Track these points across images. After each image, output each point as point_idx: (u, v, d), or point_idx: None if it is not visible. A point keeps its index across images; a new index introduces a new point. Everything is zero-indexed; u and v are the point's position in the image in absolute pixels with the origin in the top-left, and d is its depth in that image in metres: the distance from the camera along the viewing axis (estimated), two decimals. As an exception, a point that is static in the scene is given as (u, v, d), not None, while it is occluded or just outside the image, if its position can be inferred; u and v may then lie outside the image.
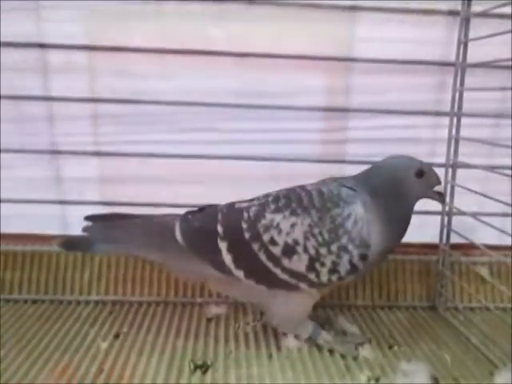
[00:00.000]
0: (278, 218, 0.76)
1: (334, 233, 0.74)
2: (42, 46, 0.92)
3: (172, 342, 0.82)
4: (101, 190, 1.03)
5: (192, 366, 0.75)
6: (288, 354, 0.80)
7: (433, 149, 1.00)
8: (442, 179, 0.94)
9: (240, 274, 0.77)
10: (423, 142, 1.02)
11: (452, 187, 0.96)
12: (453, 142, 0.95)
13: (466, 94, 0.94)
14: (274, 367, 0.76)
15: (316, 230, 0.74)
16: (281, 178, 1.02)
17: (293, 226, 0.75)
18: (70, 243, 0.85)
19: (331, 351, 0.80)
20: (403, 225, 0.78)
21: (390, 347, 0.83)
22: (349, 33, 0.98)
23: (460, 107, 0.94)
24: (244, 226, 0.76)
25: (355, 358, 0.78)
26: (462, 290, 1.01)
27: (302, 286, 0.76)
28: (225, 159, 0.96)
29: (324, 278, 0.75)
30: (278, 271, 0.75)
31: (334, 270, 0.75)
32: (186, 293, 0.99)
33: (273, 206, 0.77)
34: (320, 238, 0.74)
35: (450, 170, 0.96)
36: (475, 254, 1.01)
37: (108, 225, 0.83)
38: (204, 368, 0.75)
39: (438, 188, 0.79)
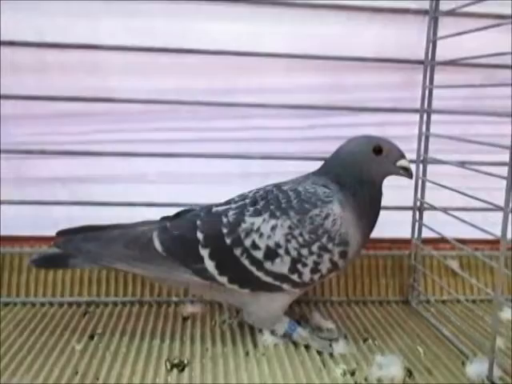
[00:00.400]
0: (258, 221, 0.75)
1: (314, 233, 0.74)
2: (11, 43, 0.90)
3: (148, 341, 0.82)
4: (71, 190, 1.02)
5: (169, 366, 0.75)
6: (264, 350, 0.80)
7: (404, 146, 1.01)
8: (413, 175, 0.96)
9: (224, 279, 0.77)
10: (394, 139, 1.03)
11: (423, 182, 0.98)
12: (423, 138, 0.97)
13: (436, 92, 0.96)
14: (251, 364, 0.76)
15: (296, 232, 0.75)
16: (255, 175, 1.03)
17: (273, 228, 0.75)
18: (44, 260, 0.84)
19: (307, 347, 0.81)
20: (375, 208, 0.79)
21: (365, 341, 0.84)
22: (323, 32, 0.98)
23: (429, 104, 0.96)
24: (224, 231, 0.76)
25: (331, 354, 0.79)
26: (433, 284, 1.04)
27: (286, 286, 0.77)
28: (199, 157, 0.95)
29: (306, 277, 0.76)
30: (261, 274, 0.76)
31: (315, 269, 0.75)
32: (162, 292, 0.98)
33: (251, 209, 0.77)
34: (301, 240, 0.74)
35: (421, 166, 0.98)
36: (446, 248, 1.03)
37: (84, 238, 0.81)
38: (181, 367, 0.74)
39: (401, 163, 0.79)
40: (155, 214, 0.90)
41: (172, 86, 0.97)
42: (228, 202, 0.81)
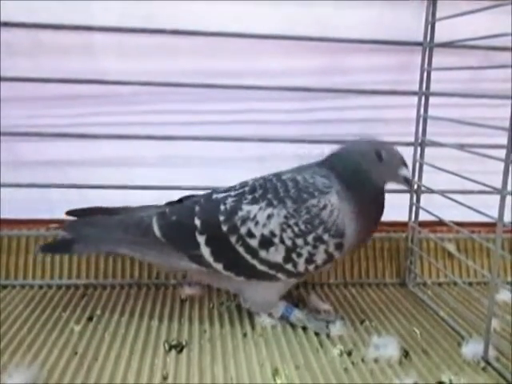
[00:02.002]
0: (254, 209, 0.75)
1: (310, 223, 0.74)
2: (5, 24, 0.88)
3: (146, 323, 0.82)
4: (68, 173, 1.01)
5: (167, 347, 0.75)
6: (262, 331, 0.81)
7: (402, 128, 1.01)
8: (411, 158, 0.96)
9: (219, 266, 0.77)
10: (392, 122, 1.03)
11: (420, 165, 0.97)
12: (421, 120, 0.97)
13: (434, 74, 0.95)
14: (249, 345, 0.76)
15: (292, 221, 0.74)
16: (253, 158, 1.03)
17: (269, 217, 0.75)
18: (49, 247, 0.89)
19: (304, 328, 0.81)
20: (376, 210, 0.79)
21: (362, 323, 0.85)
22: (321, 13, 0.98)
23: (428, 87, 0.96)
24: (221, 218, 0.76)
25: (328, 335, 0.80)
26: (430, 266, 1.04)
27: (280, 276, 0.77)
28: (195, 140, 0.95)
29: (301, 267, 0.76)
30: (256, 263, 0.76)
31: (310, 260, 0.75)
32: (160, 275, 0.99)
33: (249, 197, 0.77)
34: (296, 229, 0.74)
35: (419, 149, 0.98)
36: (443, 231, 1.03)
37: (86, 223, 0.83)
38: (179, 348, 0.75)
39: (403, 172, 0.78)
40: (151, 197, 0.91)
41: (168, 68, 0.96)
42: (229, 190, 0.81)
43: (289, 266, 0.76)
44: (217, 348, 0.75)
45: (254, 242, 0.75)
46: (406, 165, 0.80)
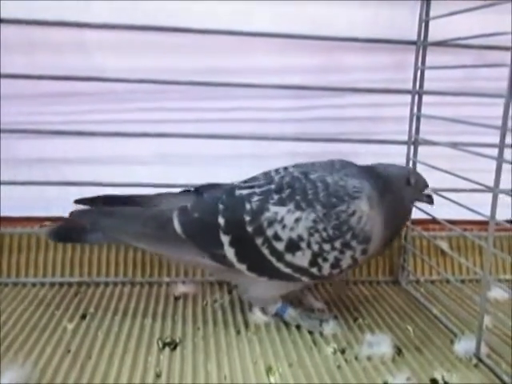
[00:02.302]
0: (282, 211, 0.74)
1: (339, 229, 0.73)
2: (1, 21, 0.88)
3: (140, 321, 0.82)
4: (65, 170, 1.01)
5: (161, 344, 0.75)
6: (256, 329, 0.81)
7: (396, 127, 1.02)
8: (404, 156, 0.97)
9: (243, 267, 0.76)
10: (386, 120, 1.04)
11: (414, 163, 0.98)
12: (414, 119, 0.97)
13: (427, 73, 0.96)
14: (242, 343, 0.76)
15: (321, 226, 0.73)
16: (248, 156, 1.03)
17: (297, 220, 0.73)
18: (60, 234, 0.84)
19: (298, 326, 0.82)
20: (399, 226, 0.83)
21: (355, 320, 0.85)
22: (316, 11, 0.98)
23: (421, 85, 0.96)
24: (247, 218, 0.74)
25: (321, 333, 0.80)
26: (423, 264, 1.05)
27: (304, 279, 0.77)
28: (190, 138, 0.95)
29: (326, 271, 0.76)
30: (281, 266, 0.75)
31: (336, 264, 0.75)
32: (153, 272, 0.99)
33: (276, 197, 0.75)
34: (324, 234, 0.73)
35: (412, 147, 0.98)
36: (436, 229, 1.04)
37: (102, 212, 0.80)
38: (172, 345, 0.75)
39: (427, 191, 0.82)
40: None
41: (163, 66, 0.96)
42: (252, 185, 0.79)
43: (314, 270, 0.75)
44: (210, 346, 0.75)
45: (280, 246, 0.74)
46: (428, 185, 0.83)
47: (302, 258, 0.74)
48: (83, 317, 0.83)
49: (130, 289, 0.95)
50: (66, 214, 0.99)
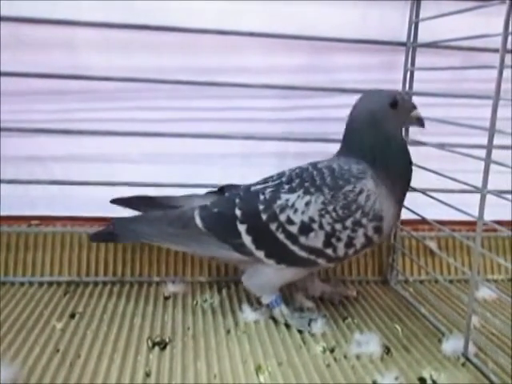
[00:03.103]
0: (292, 197, 0.77)
1: (348, 209, 0.76)
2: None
3: (129, 320, 0.82)
4: (51, 169, 1.00)
5: (150, 344, 0.75)
6: (246, 328, 0.81)
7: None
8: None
9: (261, 254, 0.79)
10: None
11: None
12: (404, 120, 0.98)
13: (417, 74, 0.96)
14: (232, 342, 0.77)
15: (330, 207, 0.76)
16: (237, 156, 1.03)
17: (307, 204, 0.76)
18: (99, 236, 0.90)
19: (287, 325, 0.82)
20: (405, 162, 0.81)
21: (344, 320, 0.86)
22: (305, 12, 0.98)
23: (411, 86, 0.97)
24: (261, 207, 0.78)
25: (310, 332, 0.80)
26: (412, 264, 1.06)
27: (321, 261, 0.79)
28: (179, 137, 0.95)
29: (341, 252, 0.77)
30: (296, 248, 0.77)
31: (350, 243, 0.77)
32: (143, 272, 0.98)
33: (287, 187, 0.79)
34: (334, 215, 0.76)
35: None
36: (424, 229, 1.05)
37: (132, 220, 0.87)
38: (162, 345, 0.75)
39: (415, 113, 0.81)
40: (134, 194, 0.90)
41: (151, 65, 0.96)
42: (266, 181, 0.83)
43: (329, 251, 0.77)
44: (200, 345, 0.75)
45: (293, 229, 0.77)
46: (416, 107, 0.82)
47: (315, 240, 0.77)
48: (72, 316, 0.82)
49: (120, 288, 0.95)
50: (53, 213, 0.99)
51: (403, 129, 0.87)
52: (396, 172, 0.79)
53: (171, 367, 0.69)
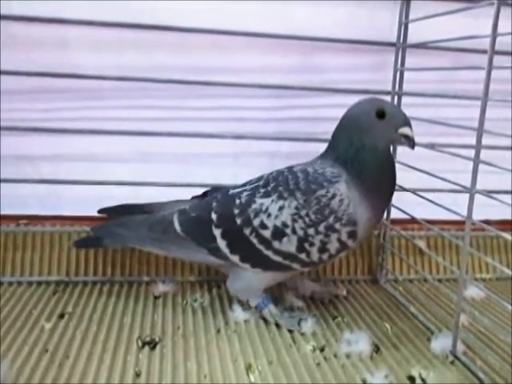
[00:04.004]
0: (266, 202, 0.77)
1: (321, 213, 0.75)
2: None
3: (119, 320, 0.82)
4: (41, 168, 1.00)
5: (140, 343, 0.75)
6: (236, 327, 0.81)
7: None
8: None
9: (235, 258, 0.79)
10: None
11: (393, 164, 0.99)
12: (394, 120, 0.98)
13: (407, 75, 0.97)
14: (222, 341, 0.77)
15: (303, 212, 0.76)
16: (228, 155, 1.03)
17: (281, 209, 0.76)
18: (82, 242, 0.92)
19: (278, 325, 0.82)
20: (386, 177, 0.78)
21: (334, 319, 0.86)
22: (297, 12, 0.98)
23: (400, 87, 0.97)
24: (236, 211, 0.78)
25: (300, 331, 0.80)
26: (401, 263, 1.06)
27: (295, 266, 0.78)
28: (171, 136, 0.94)
29: (315, 257, 0.77)
30: (270, 253, 0.77)
31: (323, 248, 0.77)
32: (133, 271, 0.98)
33: (262, 191, 0.79)
34: (307, 219, 0.76)
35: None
36: (414, 229, 1.06)
37: (115, 224, 0.87)
38: (152, 344, 0.75)
39: (403, 130, 0.76)
40: (124, 193, 0.90)
41: (144, 64, 0.96)
42: (244, 184, 0.83)
43: (303, 256, 0.77)
44: (190, 344, 0.75)
45: (266, 234, 0.77)
46: (408, 124, 0.77)
47: (288, 245, 0.77)
48: (61, 316, 0.82)
49: (109, 288, 0.94)
50: (43, 212, 0.99)
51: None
52: (371, 181, 0.77)
53: (161, 367, 0.69)
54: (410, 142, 0.77)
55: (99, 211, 0.91)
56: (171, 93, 0.97)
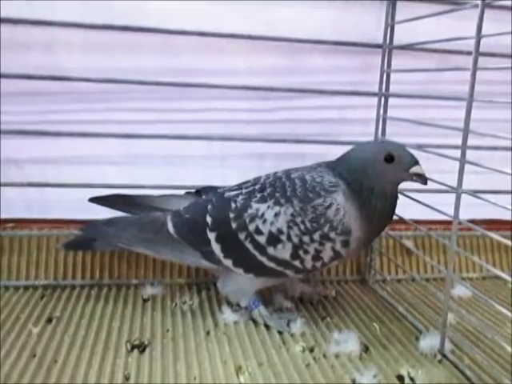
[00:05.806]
0: (263, 207, 0.77)
1: (316, 222, 0.75)
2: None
3: (107, 324, 0.81)
4: (27, 171, 0.99)
5: (129, 347, 0.74)
6: (225, 329, 0.81)
7: (362, 129, 1.03)
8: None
9: (229, 262, 0.79)
10: (353, 122, 1.05)
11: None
12: (380, 121, 0.99)
13: (393, 76, 0.97)
14: (212, 343, 0.77)
15: (299, 220, 0.76)
16: (216, 157, 1.03)
17: (277, 215, 0.76)
18: (73, 244, 0.90)
19: (267, 326, 0.82)
20: (385, 216, 0.78)
21: (323, 319, 0.86)
22: (283, 14, 0.98)
23: (387, 88, 0.98)
24: (231, 215, 0.78)
25: (289, 332, 0.81)
26: (389, 263, 1.07)
27: (289, 272, 0.79)
28: (158, 139, 0.94)
29: (308, 264, 0.77)
30: (264, 259, 0.77)
31: (317, 257, 0.77)
32: (121, 274, 0.98)
33: (259, 195, 0.79)
34: (303, 227, 0.76)
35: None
36: (401, 229, 1.06)
37: (105, 223, 0.86)
38: (141, 348, 0.74)
39: (414, 169, 0.76)
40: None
41: (131, 66, 0.95)
42: (240, 187, 0.83)
43: (296, 263, 0.77)
44: (180, 347, 0.75)
45: (261, 239, 0.77)
46: (418, 163, 0.77)
47: (283, 251, 0.77)
48: (49, 320, 0.81)
49: (98, 291, 0.94)
50: (30, 216, 0.98)
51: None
52: (373, 217, 0.76)
53: (150, 370, 0.69)
54: (423, 180, 0.77)
55: (90, 199, 0.89)
56: (158, 95, 0.97)
